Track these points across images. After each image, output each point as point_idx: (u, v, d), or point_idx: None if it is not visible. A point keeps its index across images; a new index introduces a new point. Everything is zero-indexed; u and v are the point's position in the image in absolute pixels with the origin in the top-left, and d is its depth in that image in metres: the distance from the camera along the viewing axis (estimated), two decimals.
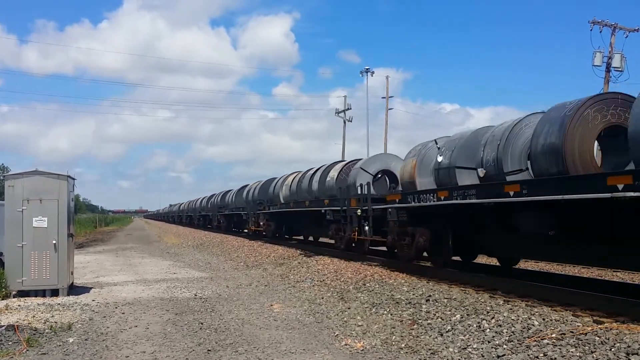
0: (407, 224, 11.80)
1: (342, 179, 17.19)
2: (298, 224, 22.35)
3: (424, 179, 12.20)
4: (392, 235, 12.52)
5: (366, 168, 15.82)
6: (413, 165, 12.62)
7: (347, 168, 17.26)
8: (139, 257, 20.97)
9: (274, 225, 24.12)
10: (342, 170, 17.53)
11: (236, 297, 10.53)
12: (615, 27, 29.22)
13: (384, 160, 16.21)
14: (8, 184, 10.55)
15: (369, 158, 16.61)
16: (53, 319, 8.28)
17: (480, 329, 6.78)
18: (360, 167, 15.91)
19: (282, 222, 23.83)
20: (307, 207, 18.89)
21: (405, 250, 11.91)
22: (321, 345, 6.79)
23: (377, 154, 16.86)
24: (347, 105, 46.00)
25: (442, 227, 10.92)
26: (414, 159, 12.76)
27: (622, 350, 5.36)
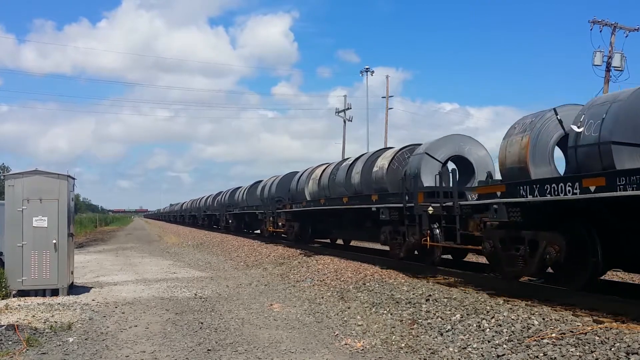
0: (520, 227, 8.49)
1: (394, 169, 14.08)
2: (330, 224, 18.88)
3: (540, 164, 8.85)
4: (491, 242, 9.10)
5: (433, 153, 12.65)
6: (525, 144, 8.96)
7: (402, 155, 14.30)
8: (139, 257, 20.97)
9: (297, 226, 20.69)
10: (395, 158, 14.32)
11: (236, 297, 10.53)
12: (615, 27, 29.26)
13: (455, 143, 12.88)
14: (8, 184, 10.56)
15: (436, 141, 13.05)
16: (53, 318, 8.29)
17: (480, 328, 6.78)
18: (425, 153, 12.73)
19: (307, 223, 20.37)
20: (345, 205, 15.32)
21: (520, 264, 8.50)
22: (321, 344, 6.79)
23: (446, 136, 13.16)
24: (347, 104, 46.04)
25: (585, 231, 7.79)
26: (523, 135, 9.07)
27: (622, 349, 5.36)
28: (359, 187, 15.55)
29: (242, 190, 33.41)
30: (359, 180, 15.56)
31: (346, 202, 15.32)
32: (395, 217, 12.43)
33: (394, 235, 12.68)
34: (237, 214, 32.50)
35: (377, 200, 13.30)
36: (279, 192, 24.06)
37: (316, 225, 20.01)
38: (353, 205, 14.84)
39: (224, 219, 35.41)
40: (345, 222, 16.97)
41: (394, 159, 14.31)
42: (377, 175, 14.66)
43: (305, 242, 20.36)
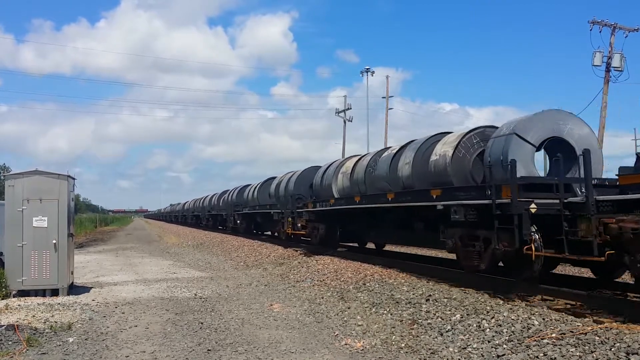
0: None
1: (460, 158, 11.05)
2: (365, 226, 15.72)
3: None
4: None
5: (524, 134, 9.68)
6: None
7: (469, 140, 11.19)
8: (139, 257, 20.97)
9: (323, 228, 17.64)
10: (461, 144, 11.13)
11: (236, 297, 10.53)
12: (615, 27, 29.22)
13: (551, 121, 9.89)
14: (8, 184, 10.56)
15: (526, 119, 10.10)
16: (53, 318, 8.28)
17: (480, 328, 6.78)
18: (514, 133, 9.72)
19: (335, 224, 17.31)
20: (391, 202, 12.50)
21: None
22: (321, 345, 6.79)
23: (538, 113, 10.09)
24: (347, 105, 46.04)
25: None
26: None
27: (622, 350, 5.36)
28: (408, 180, 12.65)
29: (252, 187, 30.26)
30: (409, 173, 12.60)
31: (392, 199, 12.40)
32: (473, 218, 9.53)
33: (469, 241, 9.81)
34: (247, 214, 29.41)
35: (440, 196, 10.41)
36: (298, 189, 21.14)
37: (346, 226, 16.91)
38: (402, 202, 11.93)
39: (232, 219, 32.36)
40: (386, 224, 14.11)
41: (459, 144, 11.12)
42: (437, 165, 11.56)
43: (333, 246, 17.36)
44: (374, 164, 15.03)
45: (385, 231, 14.86)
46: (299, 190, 21.01)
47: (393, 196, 12.45)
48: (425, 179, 12.01)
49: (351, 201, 15.05)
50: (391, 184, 13.54)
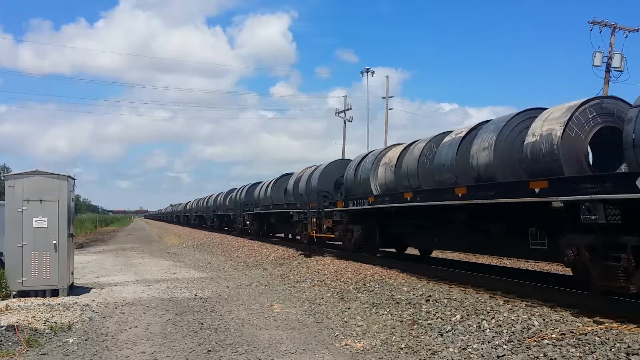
0: None
1: (572, 138, 8.36)
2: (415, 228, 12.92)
3: None
4: None
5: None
6: None
7: (584, 114, 8.46)
8: (139, 257, 20.98)
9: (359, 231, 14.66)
10: (574, 119, 8.40)
11: (236, 297, 10.53)
12: (615, 27, 29.27)
13: None
14: (8, 184, 10.56)
15: None
16: (53, 319, 8.28)
17: (480, 329, 6.78)
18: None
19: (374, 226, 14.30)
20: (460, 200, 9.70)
21: None
22: (321, 345, 6.79)
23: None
24: (347, 105, 46.04)
25: None
26: None
27: (622, 350, 5.36)
28: (488, 170, 9.81)
29: (264, 185, 27.12)
30: (488, 160, 9.77)
31: (462, 194, 9.64)
32: (616, 219, 6.79)
33: (607, 252, 7.01)
34: (259, 215, 26.18)
35: (547, 189, 7.74)
36: (323, 184, 18.28)
37: (388, 229, 14.06)
38: (481, 199, 9.13)
39: (241, 220, 29.24)
40: (446, 226, 11.50)
41: (571, 120, 8.38)
42: (536, 148, 8.75)
43: (370, 252, 14.70)
44: (430, 152, 12.32)
45: (444, 235, 11.92)
46: (325, 187, 18.19)
47: (464, 191, 9.67)
48: (515, 168, 9.37)
49: (399, 198, 12.14)
50: (459, 175, 10.74)
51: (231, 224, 33.74)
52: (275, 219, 24.42)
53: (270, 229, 26.72)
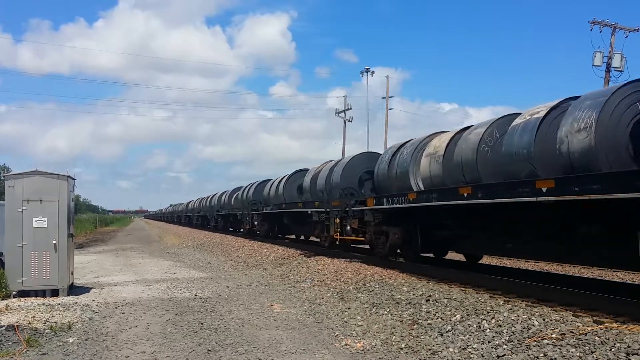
0: None
1: None
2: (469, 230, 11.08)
3: None
4: None
5: None
6: None
7: None
8: (139, 257, 20.98)
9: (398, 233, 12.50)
10: None
11: (236, 297, 10.53)
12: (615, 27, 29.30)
13: None
14: (8, 184, 10.56)
15: None
16: (53, 319, 8.29)
17: (480, 329, 6.79)
18: None
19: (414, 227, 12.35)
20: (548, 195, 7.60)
21: None
22: (321, 345, 6.79)
23: None
24: (347, 105, 46.05)
25: None
26: None
27: (622, 350, 5.36)
28: (584, 157, 7.90)
29: (275, 182, 25.16)
30: (586, 144, 7.83)
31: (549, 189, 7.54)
32: None
33: None
34: (270, 214, 24.14)
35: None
36: (346, 181, 16.38)
37: (433, 231, 12.14)
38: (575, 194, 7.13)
39: (248, 220, 27.00)
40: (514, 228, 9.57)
41: None
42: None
43: (409, 258, 12.91)
44: (492, 139, 10.37)
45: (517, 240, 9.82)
46: (347, 183, 16.28)
47: (551, 184, 7.60)
48: (622, 154, 7.73)
49: (452, 195, 9.97)
50: (540, 165, 8.79)
51: (237, 224, 31.16)
52: (289, 218, 22.35)
53: (282, 230, 24.77)
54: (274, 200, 23.97)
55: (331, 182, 17.36)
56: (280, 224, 24.11)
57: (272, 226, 24.88)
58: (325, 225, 16.92)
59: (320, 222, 17.40)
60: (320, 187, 18.37)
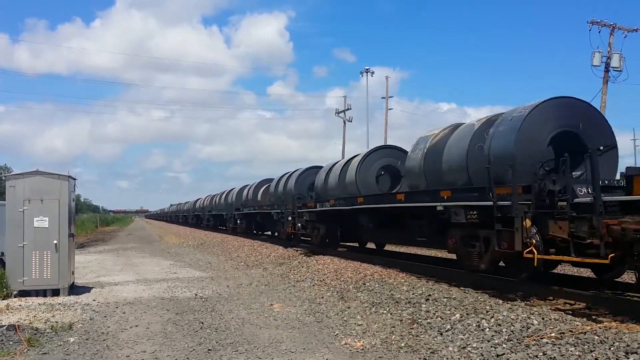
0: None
1: None
2: None
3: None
4: None
5: None
6: None
7: None
8: (139, 257, 21.00)
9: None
10: None
11: (236, 297, 10.55)
12: (614, 27, 29.29)
13: None
14: (9, 184, 10.58)
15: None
16: (54, 318, 8.31)
17: (479, 328, 6.80)
18: None
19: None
20: None
21: None
22: (321, 344, 6.81)
23: None
24: (347, 105, 46.05)
25: None
26: None
27: (621, 349, 5.38)
28: None
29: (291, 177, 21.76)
30: None
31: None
32: None
33: None
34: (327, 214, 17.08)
35: None
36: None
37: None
38: None
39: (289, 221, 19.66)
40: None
41: None
42: None
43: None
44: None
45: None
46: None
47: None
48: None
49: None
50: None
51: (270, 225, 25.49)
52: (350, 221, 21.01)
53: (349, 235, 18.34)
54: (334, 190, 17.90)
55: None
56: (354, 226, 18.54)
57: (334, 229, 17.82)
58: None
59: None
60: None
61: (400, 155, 15.44)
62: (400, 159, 15.17)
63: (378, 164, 15.86)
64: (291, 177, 22.46)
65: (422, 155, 11.99)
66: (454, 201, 9.81)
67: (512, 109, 9.95)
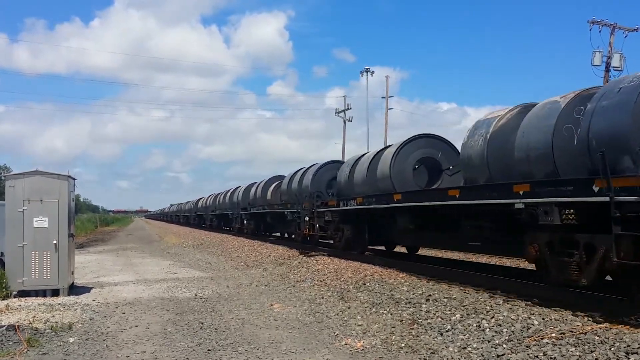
0: None
1: None
2: None
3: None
4: None
5: None
6: None
7: None
8: (139, 257, 20.99)
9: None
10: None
11: (236, 297, 10.55)
12: (615, 27, 29.33)
13: None
14: (9, 184, 10.57)
15: None
16: (54, 319, 8.30)
17: (480, 328, 6.79)
18: None
19: None
20: None
21: None
22: (321, 344, 6.80)
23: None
24: (347, 105, 46.06)
25: None
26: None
27: (621, 349, 5.37)
28: None
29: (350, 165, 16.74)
30: None
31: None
32: None
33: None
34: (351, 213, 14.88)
35: None
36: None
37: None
38: None
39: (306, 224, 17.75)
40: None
41: None
42: None
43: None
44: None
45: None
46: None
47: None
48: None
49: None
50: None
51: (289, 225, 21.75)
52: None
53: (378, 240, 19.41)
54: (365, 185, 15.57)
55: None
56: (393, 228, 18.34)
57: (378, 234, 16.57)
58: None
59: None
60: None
61: (440, 145, 13.58)
62: (440, 150, 13.47)
63: (415, 155, 13.60)
64: (307, 174, 20.21)
65: (483, 142, 9.88)
66: (536, 197, 7.72)
67: (615, 80, 8.43)
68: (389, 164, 13.49)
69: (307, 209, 17.75)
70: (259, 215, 26.81)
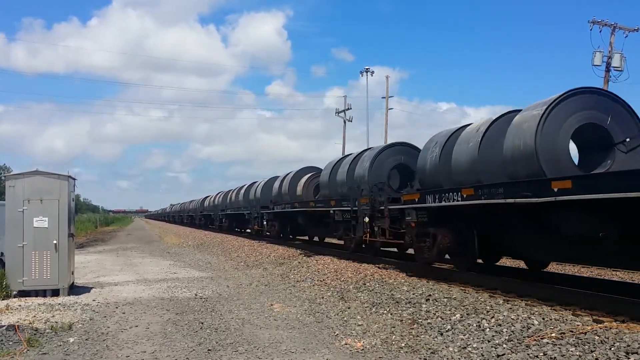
0: None
1: None
2: None
3: None
4: None
5: None
6: None
7: None
8: (139, 257, 20.99)
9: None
10: None
11: (236, 297, 10.55)
12: (615, 27, 29.32)
13: None
14: (9, 184, 10.57)
15: None
16: (54, 318, 8.30)
17: (480, 328, 6.80)
18: None
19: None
20: None
21: None
22: (321, 344, 6.80)
23: None
24: (347, 105, 46.04)
25: None
26: None
27: (621, 349, 5.37)
28: None
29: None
30: None
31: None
32: None
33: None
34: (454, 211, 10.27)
35: None
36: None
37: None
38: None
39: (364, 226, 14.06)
40: None
41: None
42: None
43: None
44: None
45: None
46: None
47: None
48: None
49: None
50: None
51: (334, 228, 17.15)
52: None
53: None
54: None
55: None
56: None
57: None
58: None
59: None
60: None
61: None
62: None
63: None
64: (362, 161, 15.64)
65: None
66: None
67: None
68: (534, 130, 8.42)
69: (366, 207, 13.68)
70: (286, 215, 22.40)
